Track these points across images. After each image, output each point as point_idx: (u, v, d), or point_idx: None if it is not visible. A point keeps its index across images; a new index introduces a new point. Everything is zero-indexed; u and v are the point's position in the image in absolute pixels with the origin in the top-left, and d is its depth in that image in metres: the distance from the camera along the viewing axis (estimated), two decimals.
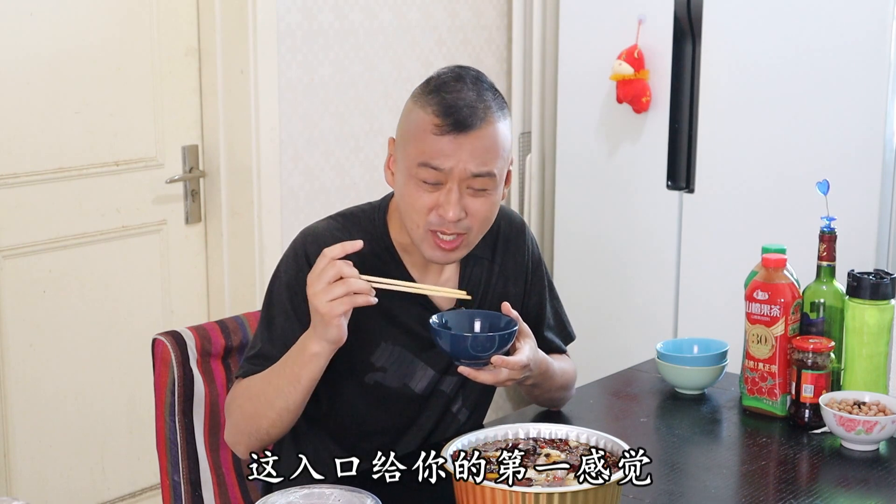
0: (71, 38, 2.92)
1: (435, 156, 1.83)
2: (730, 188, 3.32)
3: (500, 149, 1.87)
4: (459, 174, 1.83)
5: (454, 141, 1.82)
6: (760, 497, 1.84)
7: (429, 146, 1.83)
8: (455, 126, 1.82)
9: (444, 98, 1.84)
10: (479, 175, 1.84)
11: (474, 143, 1.83)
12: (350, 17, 3.35)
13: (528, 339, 1.92)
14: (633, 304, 3.56)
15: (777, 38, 3.18)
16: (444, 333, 1.83)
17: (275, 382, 1.83)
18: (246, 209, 3.19)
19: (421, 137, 1.84)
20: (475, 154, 1.83)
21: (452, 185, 1.84)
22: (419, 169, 1.84)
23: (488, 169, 1.85)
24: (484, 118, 1.84)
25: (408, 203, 1.88)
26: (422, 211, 1.86)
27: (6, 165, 2.84)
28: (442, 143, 1.82)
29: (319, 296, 1.74)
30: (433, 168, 1.83)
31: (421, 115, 1.86)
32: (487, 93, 1.87)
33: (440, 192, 1.85)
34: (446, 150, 1.82)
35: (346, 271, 1.74)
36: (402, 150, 1.89)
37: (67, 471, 3.04)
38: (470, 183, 1.85)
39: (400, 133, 1.91)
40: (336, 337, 1.77)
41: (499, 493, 1.52)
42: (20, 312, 2.90)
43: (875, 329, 2.10)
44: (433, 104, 1.84)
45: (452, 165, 1.83)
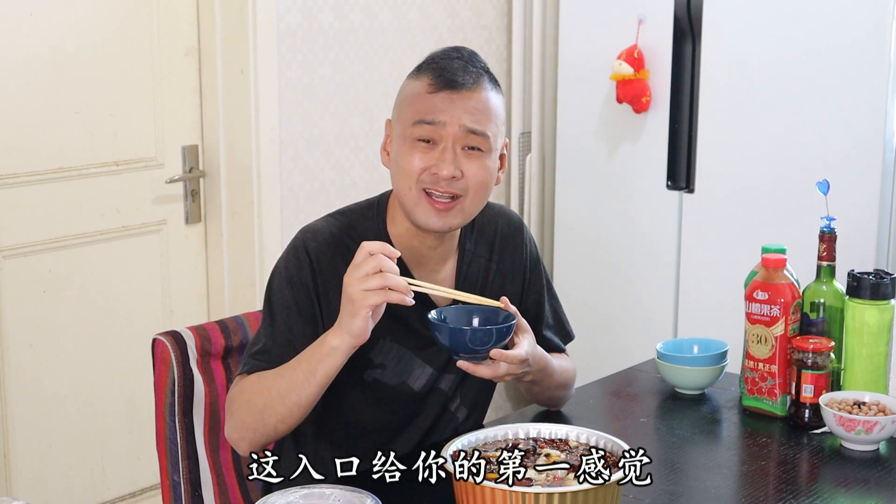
0: (71, 38, 2.92)
1: (430, 111, 1.87)
2: (730, 188, 3.32)
3: (493, 114, 1.91)
4: (454, 132, 1.87)
5: (447, 98, 1.87)
6: (760, 497, 1.84)
7: (423, 104, 1.88)
8: (448, 84, 1.87)
9: (437, 63, 1.91)
10: (473, 132, 1.88)
11: (467, 102, 1.88)
12: (350, 17, 3.35)
13: (526, 333, 1.92)
14: (633, 304, 3.56)
15: (777, 38, 3.18)
16: (443, 327, 1.83)
17: (289, 376, 1.83)
18: (246, 209, 3.19)
19: (415, 100, 1.89)
20: (468, 111, 1.88)
21: (447, 143, 1.87)
22: (414, 128, 1.88)
23: (482, 128, 1.88)
24: (476, 81, 1.89)
25: (402, 167, 1.89)
26: (415, 172, 1.88)
27: (6, 165, 2.84)
28: (436, 100, 1.87)
29: (355, 283, 1.74)
30: (428, 123, 1.87)
31: (415, 83, 1.92)
32: (480, 65, 1.93)
33: (434, 151, 1.88)
34: (440, 106, 1.87)
35: (386, 265, 1.74)
36: (398, 119, 1.93)
37: (67, 471, 3.04)
38: (465, 141, 1.88)
39: (395, 108, 1.95)
40: (359, 330, 1.76)
41: (499, 493, 1.52)
42: (20, 312, 2.90)
43: (875, 329, 2.10)
44: (427, 70, 1.91)
45: (446, 119, 1.87)
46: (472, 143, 1.88)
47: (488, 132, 1.89)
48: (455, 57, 1.92)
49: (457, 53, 1.93)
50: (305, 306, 1.91)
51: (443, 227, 1.91)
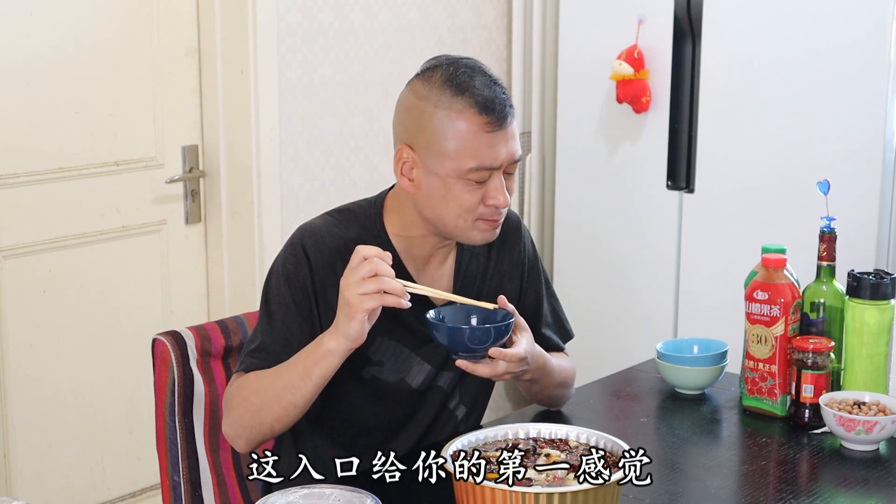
0: (71, 38, 2.92)
1: (487, 157, 1.86)
2: (730, 188, 3.32)
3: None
4: (505, 166, 1.89)
5: (499, 135, 1.87)
6: (760, 497, 1.84)
7: (478, 147, 1.85)
8: (500, 121, 1.86)
9: (476, 96, 1.85)
10: (516, 161, 1.91)
11: (509, 133, 1.89)
12: (350, 17, 3.35)
13: (524, 332, 1.93)
14: (633, 304, 3.56)
15: (777, 38, 3.18)
16: (441, 326, 1.83)
17: (285, 376, 1.83)
18: (246, 209, 3.19)
19: (466, 140, 1.85)
20: (512, 141, 1.90)
21: (498, 174, 1.88)
22: (473, 172, 1.86)
23: (521, 152, 1.93)
24: (511, 104, 1.90)
25: (453, 203, 1.88)
26: (472, 208, 1.89)
27: (6, 165, 2.84)
28: (493, 141, 1.86)
29: (351, 287, 1.75)
30: (487, 169, 1.87)
31: (455, 118, 1.85)
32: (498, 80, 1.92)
33: (488, 185, 1.88)
34: (497, 147, 1.87)
35: (381, 269, 1.75)
36: (436, 154, 1.87)
37: (67, 471, 3.04)
38: (508, 168, 1.90)
39: (423, 139, 1.88)
40: (356, 334, 1.76)
41: (499, 493, 1.52)
42: (20, 312, 2.90)
43: (875, 329, 2.10)
44: (470, 104, 1.85)
45: (502, 161, 1.88)
46: (511, 169, 1.92)
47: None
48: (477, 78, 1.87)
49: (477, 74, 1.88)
50: (303, 304, 1.91)
51: (494, 238, 1.96)
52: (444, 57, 1.93)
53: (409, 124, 1.90)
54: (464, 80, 1.86)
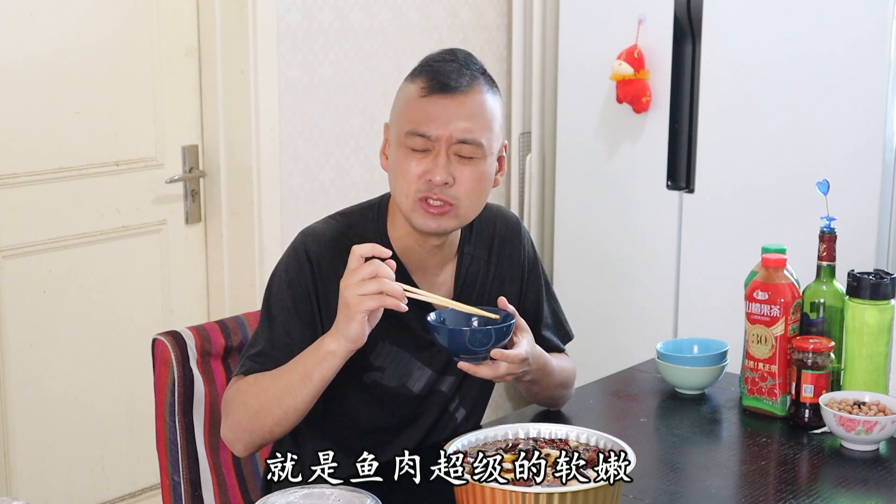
0: (71, 38, 2.92)
1: (422, 121, 1.85)
2: (730, 188, 3.32)
3: (487, 118, 1.88)
4: (447, 140, 1.85)
5: (439, 103, 1.85)
6: (760, 497, 1.84)
7: (416, 112, 1.87)
8: (440, 87, 1.85)
9: (431, 66, 1.89)
10: (464, 141, 1.86)
11: (460, 109, 1.86)
12: (350, 17, 3.35)
13: (525, 333, 1.93)
14: (633, 304, 3.56)
15: (777, 38, 3.18)
16: (442, 329, 1.83)
17: (285, 379, 1.83)
18: (246, 209, 3.19)
19: (409, 106, 1.88)
20: (462, 117, 1.86)
21: (440, 149, 1.86)
22: (408, 138, 1.87)
23: (474, 137, 1.86)
24: (470, 84, 1.87)
25: (398, 173, 1.89)
26: (412, 179, 1.87)
27: (6, 165, 2.84)
28: (429, 107, 1.86)
29: (351, 288, 1.75)
30: (420, 135, 1.86)
31: (409, 87, 1.90)
32: (476, 67, 1.91)
33: (428, 158, 1.87)
34: (432, 114, 1.85)
35: (381, 271, 1.75)
36: (394, 125, 1.92)
37: (67, 471, 3.04)
38: (457, 149, 1.87)
39: (391, 111, 1.94)
40: (356, 335, 1.76)
41: (499, 493, 1.52)
42: (20, 312, 2.90)
43: (875, 329, 2.10)
44: (420, 75, 1.89)
45: (439, 132, 1.85)
46: (465, 153, 1.87)
47: (481, 140, 1.87)
48: (449, 60, 1.90)
49: (451, 56, 1.91)
50: (305, 309, 1.91)
51: (438, 230, 1.91)
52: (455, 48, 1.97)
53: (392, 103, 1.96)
54: (435, 57, 1.91)
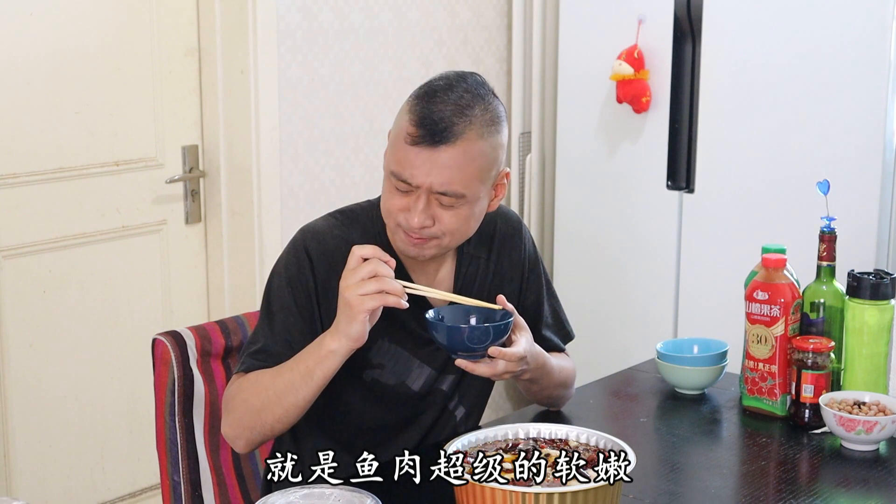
0: (71, 38, 2.92)
1: (404, 167, 1.83)
2: (730, 188, 3.32)
3: (474, 167, 1.83)
4: (427, 189, 1.83)
5: (422, 153, 1.81)
6: (760, 497, 1.84)
7: (401, 155, 1.84)
8: (424, 139, 1.80)
9: (424, 108, 1.82)
10: (444, 193, 1.84)
11: (438, 161, 1.81)
12: (350, 17, 3.35)
13: (524, 331, 1.93)
14: (633, 305, 3.56)
15: (777, 38, 3.18)
16: (441, 326, 1.83)
17: (286, 377, 1.84)
18: (246, 209, 3.19)
19: (398, 144, 1.85)
20: (441, 171, 1.81)
21: (421, 193, 1.84)
22: (392, 175, 1.86)
23: (453, 189, 1.83)
24: (459, 135, 1.80)
25: (384, 200, 1.91)
26: (392, 211, 1.88)
27: (6, 165, 2.84)
28: (411, 155, 1.82)
29: (351, 288, 1.75)
30: (401, 180, 1.84)
31: (404, 120, 1.85)
32: (478, 106, 1.83)
33: (411, 197, 1.85)
34: (414, 163, 1.82)
35: (381, 270, 1.75)
36: (387, 150, 1.90)
37: (67, 471, 3.04)
38: (438, 197, 1.85)
39: (390, 132, 1.92)
40: (358, 334, 1.77)
41: (499, 494, 1.52)
42: (20, 312, 2.90)
43: (875, 329, 2.10)
44: (414, 112, 1.83)
45: (420, 182, 1.82)
46: (445, 202, 1.85)
47: (463, 191, 1.83)
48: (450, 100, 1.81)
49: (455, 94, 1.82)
50: (305, 307, 1.91)
51: (419, 256, 1.91)
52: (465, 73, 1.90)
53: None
54: (437, 90, 1.84)
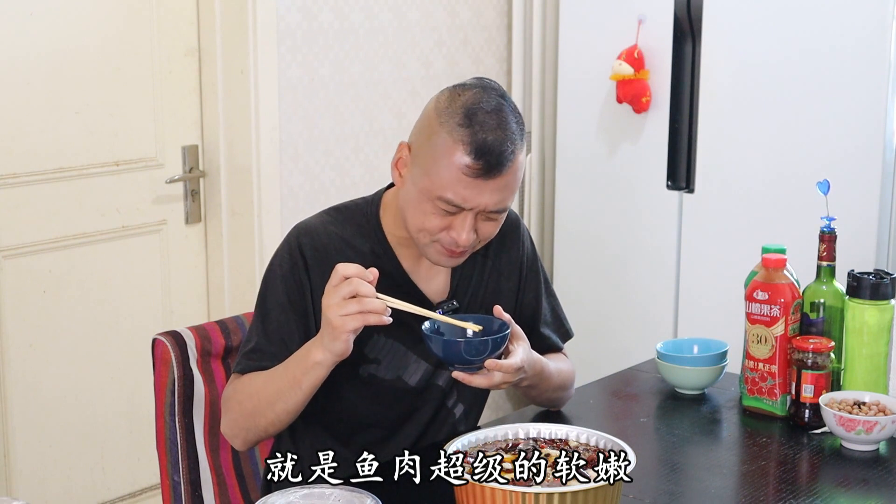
0: (71, 38, 2.92)
1: (459, 194, 1.83)
2: (730, 188, 3.32)
3: (518, 182, 1.88)
4: (479, 210, 1.86)
5: (481, 184, 1.83)
6: (760, 497, 1.84)
7: (455, 183, 1.82)
8: (485, 171, 1.81)
9: (475, 135, 1.81)
10: (496, 211, 1.87)
11: (498, 184, 1.84)
12: (350, 17, 3.35)
13: (521, 341, 1.92)
14: (633, 304, 3.56)
15: (777, 38, 3.18)
16: (437, 339, 1.83)
17: (276, 384, 1.85)
18: (246, 209, 3.19)
19: (447, 171, 1.82)
20: (498, 192, 1.85)
21: (469, 213, 1.86)
22: (439, 200, 1.84)
23: (505, 206, 1.88)
24: (511, 158, 1.83)
25: (418, 219, 1.88)
26: (433, 231, 1.88)
27: (6, 165, 2.84)
28: (468, 183, 1.82)
29: (333, 308, 1.75)
30: (455, 205, 1.84)
31: (449, 144, 1.82)
32: (513, 123, 1.84)
33: (455, 218, 1.86)
34: (472, 190, 1.83)
35: (361, 290, 1.75)
36: (422, 168, 1.86)
37: (67, 471, 3.04)
38: (486, 214, 1.88)
39: (420, 148, 1.87)
40: (341, 351, 1.78)
41: (499, 494, 1.52)
42: (20, 312, 2.90)
43: (875, 329, 2.10)
44: (465, 141, 1.81)
45: (475, 205, 1.84)
46: (494, 216, 1.89)
47: (509, 204, 1.89)
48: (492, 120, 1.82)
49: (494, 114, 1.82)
50: (298, 303, 1.91)
51: (450, 266, 1.95)
52: (487, 81, 1.90)
53: (418, 128, 1.90)
54: (477, 113, 1.82)
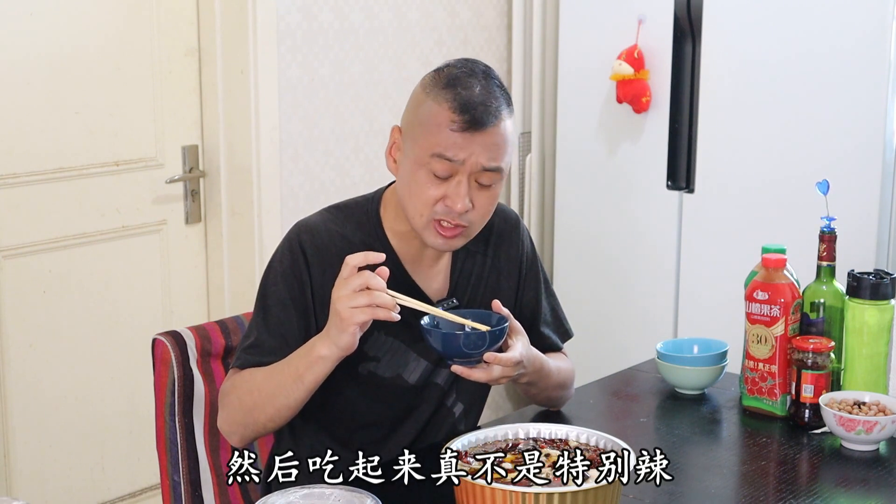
0: (71, 38, 2.92)
1: (449, 148, 1.85)
2: (730, 188, 3.32)
3: (508, 145, 1.91)
4: (471, 167, 1.86)
5: (469, 137, 1.85)
6: (760, 497, 1.84)
7: (444, 139, 1.86)
8: (471, 124, 1.85)
9: (459, 94, 1.87)
10: (489, 170, 1.88)
11: (487, 140, 1.86)
12: (350, 17, 3.35)
13: (520, 335, 1.93)
14: (633, 304, 3.56)
15: (777, 38, 3.18)
16: (436, 333, 1.83)
17: (277, 379, 1.84)
18: (246, 209, 3.19)
19: (435, 130, 1.86)
20: (487, 149, 1.87)
21: (462, 177, 1.87)
22: (432, 160, 1.86)
23: (498, 164, 1.89)
24: (497, 116, 1.87)
25: (415, 193, 1.90)
26: (429, 201, 1.88)
27: (6, 165, 2.84)
28: (456, 138, 1.85)
29: (343, 300, 1.75)
30: (447, 159, 1.86)
31: (435, 108, 1.87)
32: (497, 90, 1.90)
33: (449, 184, 1.87)
34: (460, 144, 1.85)
35: (372, 283, 1.75)
36: (412, 140, 1.90)
37: (67, 471, 3.04)
38: (479, 177, 1.88)
39: (409, 123, 1.92)
40: (348, 345, 1.78)
41: (499, 493, 1.52)
42: (20, 312, 2.90)
43: (875, 329, 2.10)
44: (449, 99, 1.86)
45: (465, 157, 1.86)
46: (486, 181, 1.89)
47: (503, 165, 1.90)
48: (476, 84, 1.88)
49: (478, 80, 1.89)
50: (299, 301, 1.92)
51: (449, 249, 1.95)
52: (472, 60, 1.96)
53: (407, 109, 1.95)
54: (459, 77, 1.89)
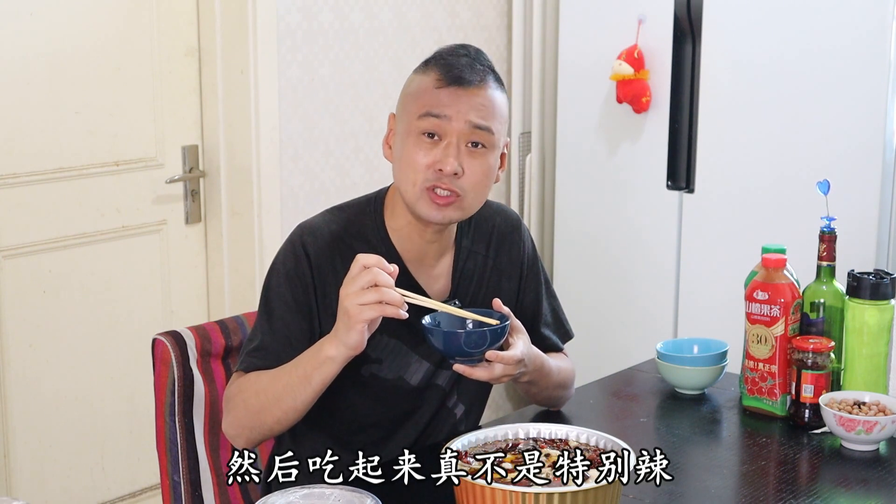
0: (71, 38, 2.92)
1: (436, 105, 1.89)
2: (730, 188, 3.32)
3: (497, 111, 1.93)
4: (459, 127, 1.88)
5: (454, 93, 1.89)
6: (760, 497, 1.84)
7: (430, 98, 1.89)
8: (455, 80, 1.90)
9: (444, 60, 1.93)
10: (478, 127, 1.89)
11: (473, 100, 1.90)
12: (350, 17, 3.35)
13: (521, 334, 1.93)
14: (633, 304, 3.56)
15: (777, 38, 3.18)
16: (437, 331, 1.84)
17: (284, 380, 1.84)
18: (246, 209, 3.19)
19: (422, 94, 1.91)
20: (475, 108, 1.90)
21: (451, 138, 1.89)
22: (420, 121, 1.89)
23: (487, 123, 1.90)
24: (483, 78, 1.92)
25: (406, 163, 1.91)
26: (420, 168, 1.89)
27: (6, 165, 2.84)
28: (443, 95, 1.89)
29: (351, 297, 1.75)
30: (434, 116, 1.88)
31: (422, 78, 1.93)
32: (485, 63, 1.96)
33: (438, 147, 1.89)
34: (446, 101, 1.89)
35: (381, 279, 1.75)
36: (403, 113, 1.94)
37: (67, 471, 3.04)
38: (469, 137, 1.89)
39: (400, 102, 1.96)
40: (356, 343, 1.77)
41: (499, 493, 1.52)
42: (20, 312, 2.90)
43: (875, 329, 2.10)
44: (434, 67, 1.93)
45: (452, 114, 1.88)
46: (477, 139, 1.90)
47: (493, 128, 1.91)
48: (462, 54, 1.94)
49: (464, 51, 1.95)
50: (303, 302, 1.91)
51: (442, 220, 1.93)
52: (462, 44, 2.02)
53: (400, 95, 1.98)
54: (444, 51, 1.95)
